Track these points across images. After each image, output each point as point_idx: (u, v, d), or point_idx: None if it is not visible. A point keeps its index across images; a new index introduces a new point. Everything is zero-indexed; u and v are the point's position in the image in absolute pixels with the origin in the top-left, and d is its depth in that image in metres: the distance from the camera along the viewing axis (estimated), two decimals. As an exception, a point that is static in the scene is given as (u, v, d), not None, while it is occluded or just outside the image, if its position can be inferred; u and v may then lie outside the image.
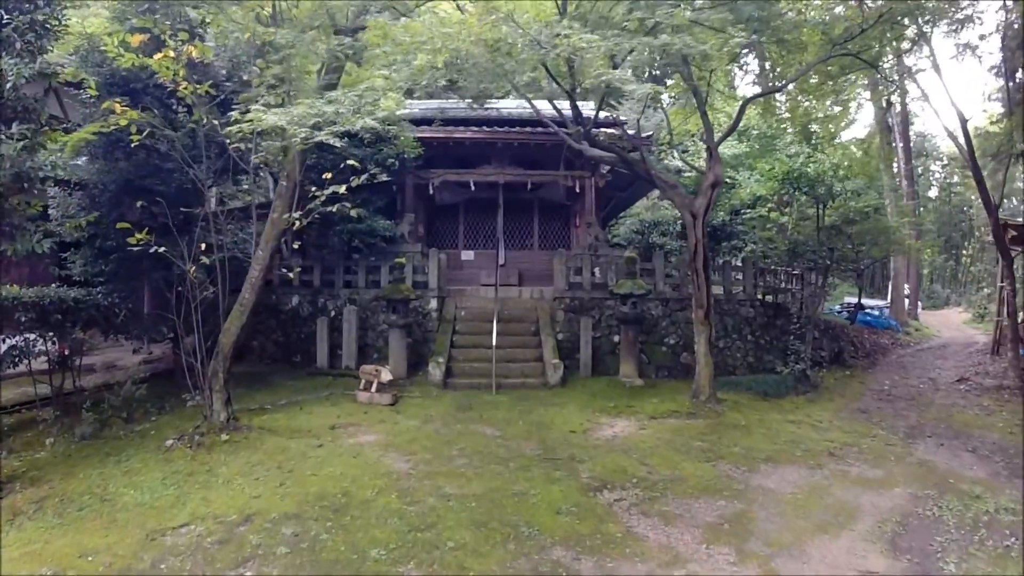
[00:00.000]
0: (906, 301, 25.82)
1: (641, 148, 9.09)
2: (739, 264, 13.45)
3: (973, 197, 47.78)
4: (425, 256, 12.25)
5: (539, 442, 7.09)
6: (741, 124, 19.74)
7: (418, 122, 13.70)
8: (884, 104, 24.59)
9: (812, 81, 10.03)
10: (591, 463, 6.33)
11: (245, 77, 8.07)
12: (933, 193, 47.60)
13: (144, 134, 6.76)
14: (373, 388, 8.89)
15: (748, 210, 15.25)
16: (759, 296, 13.42)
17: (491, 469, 6.08)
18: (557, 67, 9.10)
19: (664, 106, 10.40)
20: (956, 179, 45.61)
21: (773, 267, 14.38)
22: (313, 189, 6.39)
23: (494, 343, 10.13)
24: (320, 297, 12.67)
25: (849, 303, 21.70)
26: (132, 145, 6.89)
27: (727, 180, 15.09)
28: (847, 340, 16.20)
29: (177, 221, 7.41)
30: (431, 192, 13.80)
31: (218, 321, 7.40)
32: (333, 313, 12.25)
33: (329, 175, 6.51)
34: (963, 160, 12.15)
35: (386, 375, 8.76)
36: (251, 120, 6.59)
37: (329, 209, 6.73)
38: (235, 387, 10.85)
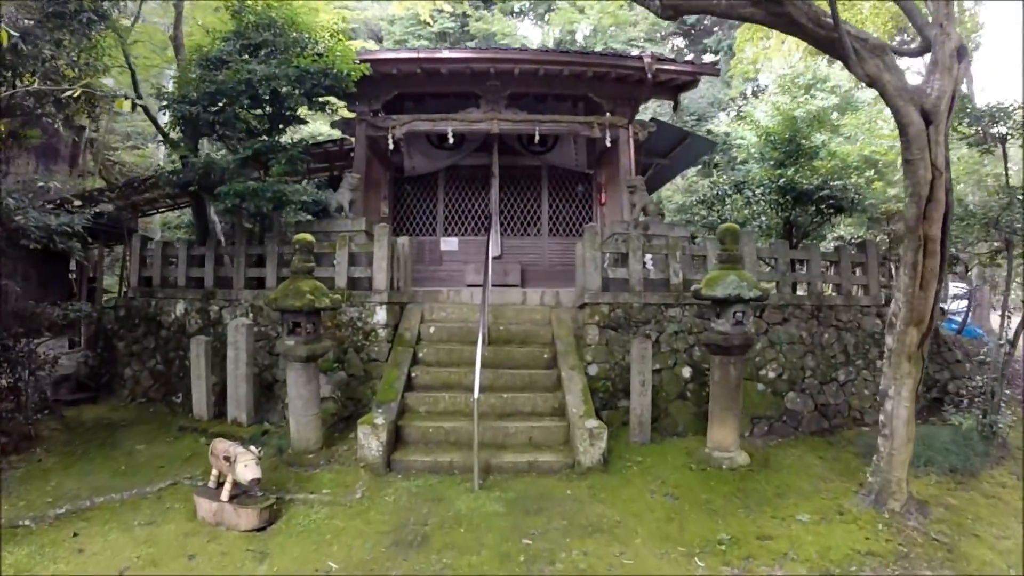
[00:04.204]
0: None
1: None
2: (856, 250, 8.89)
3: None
4: (370, 238, 7.65)
5: None
6: (811, 77, 15.43)
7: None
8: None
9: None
10: None
11: None
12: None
13: None
14: (225, 492, 4.29)
15: (836, 181, 10.82)
16: (883, 301, 8.91)
17: None
18: None
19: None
20: (988, 166, 41.49)
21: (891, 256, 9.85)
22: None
23: (477, 386, 5.47)
24: (213, 303, 8.15)
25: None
26: None
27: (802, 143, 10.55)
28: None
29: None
30: (391, 146, 9.25)
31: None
32: (232, 329, 7.72)
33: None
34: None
35: (247, 468, 4.13)
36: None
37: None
38: (51, 449, 6.43)
